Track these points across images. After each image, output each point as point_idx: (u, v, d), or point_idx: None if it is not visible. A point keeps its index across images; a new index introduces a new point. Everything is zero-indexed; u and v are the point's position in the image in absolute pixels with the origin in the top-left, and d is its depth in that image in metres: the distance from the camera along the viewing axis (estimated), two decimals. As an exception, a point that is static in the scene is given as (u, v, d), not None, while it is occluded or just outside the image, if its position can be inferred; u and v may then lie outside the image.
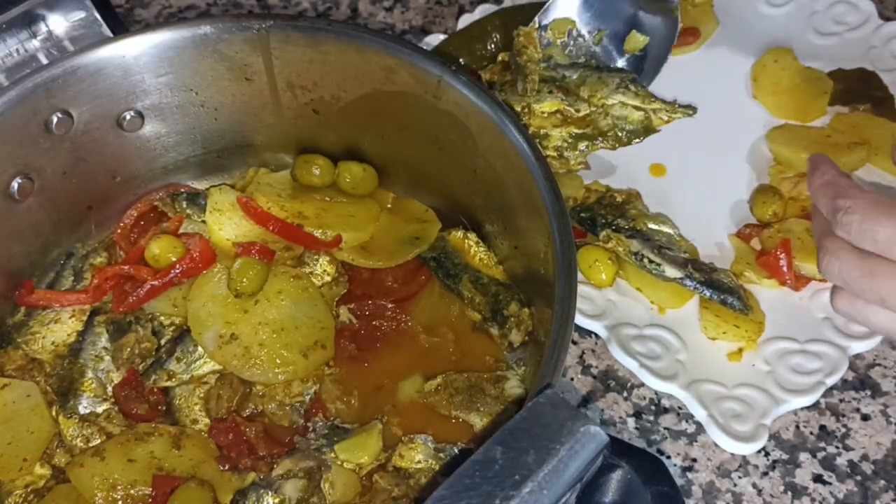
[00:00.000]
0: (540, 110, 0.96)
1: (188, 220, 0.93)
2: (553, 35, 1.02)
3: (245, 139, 0.96)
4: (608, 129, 0.95)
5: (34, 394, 0.82)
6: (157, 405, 0.83)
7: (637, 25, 1.02)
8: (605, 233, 0.94)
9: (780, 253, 0.93)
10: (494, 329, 0.86)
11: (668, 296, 0.94)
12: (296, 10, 1.30)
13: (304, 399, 0.83)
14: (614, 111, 0.95)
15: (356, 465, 0.79)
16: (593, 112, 0.96)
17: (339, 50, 0.85)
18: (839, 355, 0.90)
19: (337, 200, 0.93)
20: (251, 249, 0.87)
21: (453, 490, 0.50)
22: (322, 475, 0.78)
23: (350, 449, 0.79)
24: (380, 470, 0.78)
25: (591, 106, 0.96)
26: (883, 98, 1.08)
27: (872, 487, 0.85)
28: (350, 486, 0.78)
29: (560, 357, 0.65)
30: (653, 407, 0.90)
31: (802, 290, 0.95)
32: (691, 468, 0.86)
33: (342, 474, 0.78)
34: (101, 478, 0.76)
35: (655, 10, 1.01)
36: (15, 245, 0.87)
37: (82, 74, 0.83)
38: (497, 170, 0.82)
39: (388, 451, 0.79)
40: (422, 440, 0.79)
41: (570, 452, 0.52)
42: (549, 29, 1.02)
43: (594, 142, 0.95)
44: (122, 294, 0.88)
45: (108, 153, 0.89)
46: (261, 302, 0.84)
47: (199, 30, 0.85)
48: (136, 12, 1.29)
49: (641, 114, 0.95)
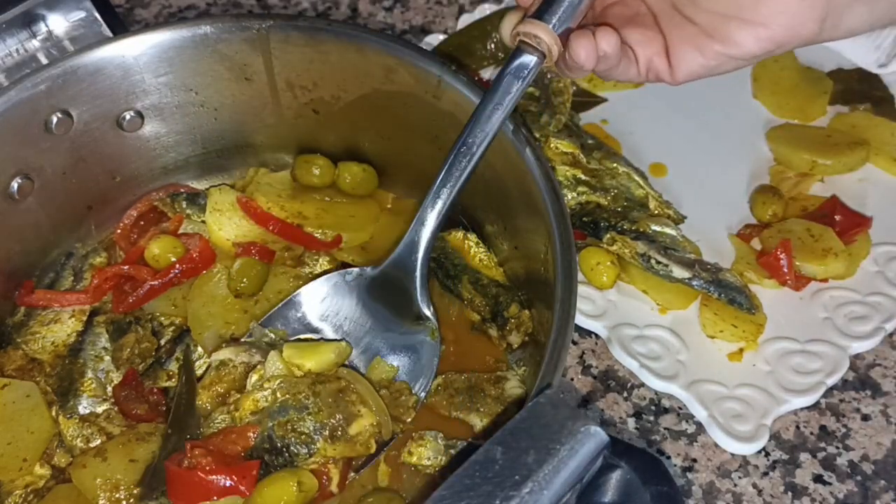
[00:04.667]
0: (556, 146, 0.99)
1: (188, 220, 0.93)
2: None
3: (245, 139, 0.96)
4: (611, 189, 0.97)
5: (34, 394, 0.82)
6: (157, 405, 0.83)
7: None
8: (610, 235, 0.94)
9: (781, 253, 0.93)
10: (493, 330, 0.86)
11: (674, 297, 0.94)
12: (296, 10, 1.30)
13: (304, 399, 0.82)
14: (621, 179, 0.98)
15: (297, 368, 0.74)
16: (602, 170, 0.99)
17: (339, 50, 0.85)
18: (839, 355, 0.90)
19: (337, 201, 0.93)
20: (251, 249, 0.87)
21: (453, 490, 0.50)
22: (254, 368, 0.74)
23: (301, 352, 0.74)
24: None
25: (601, 165, 0.99)
26: (883, 98, 1.08)
27: (873, 487, 0.85)
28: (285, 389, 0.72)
29: (560, 357, 0.65)
30: (653, 407, 0.90)
31: (803, 290, 0.95)
32: (691, 468, 0.86)
33: (277, 376, 0.73)
34: (103, 478, 0.76)
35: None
36: (15, 245, 0.87)
37: (82, 74, 0.83)
38: (497, 170, 0.82)
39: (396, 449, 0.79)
40: (431, 436, 0.78)
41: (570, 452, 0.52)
42: None
43: (594, 192, 0.97)
44: (122, 294, 0.88)
45: (108, 153, 0.89)
46: (261, 302, 0.84)
47: (199, 30, 0.85)
48: (136, 12, 1.29)
49: (644, 192, 0.98)
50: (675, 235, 0.94)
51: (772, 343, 0.91)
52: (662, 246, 0.92)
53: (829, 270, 0.94)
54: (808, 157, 1.02)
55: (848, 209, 0.98)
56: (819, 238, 0.95)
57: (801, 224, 0.97)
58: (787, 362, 0.90)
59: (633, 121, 1.09)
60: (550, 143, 0.99)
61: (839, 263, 0.93)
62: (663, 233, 0.94)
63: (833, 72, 1.11)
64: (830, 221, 0.97)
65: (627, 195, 0.97)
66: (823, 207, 0.99)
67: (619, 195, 0.97)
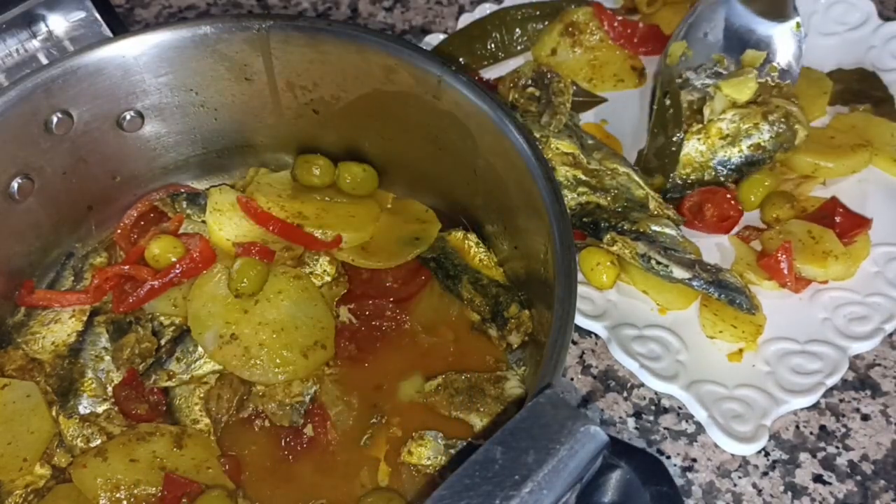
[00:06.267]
0: (556, 146, 0.99)
1: (188, 220, 0.93)
2: (670, 59, 1.06)
3: (245, 139, 0.96)
4: (611, 189, 0.97)
5: (34, 394, 0.82)
6: (157, 405, 0.83)
7: (752, 41, 1.06)
8: (610, 236, 0.94)
9: (781, 255, 0.93)
10: (493, 330, 0.86)
11: (674, 297, 0.94)
12: (296, 10, 1.30)
13: (303, 399, 0.83)
14: (621, 179, 0.98)
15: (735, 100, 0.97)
16: (602, 170, 0.99)
17: (339, 50, 0.85)
18: (839, 356, 0.90)
19: (337, 201, 0.93)
20: (251, 249, 0.87)
21: (453, 490, 0.50)
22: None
23: (734, 88, 0.98)
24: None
25: (601, 165, 0.99)
26: (883, 98, 1.08)
27: (872, 487, 0.85)
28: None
29: (560, 357, 0.65)
30: (653, 407, 0.90)
31: (802, 291, 0.95)
32: (691, 468, 0.86)
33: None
34: (104, 478, 0.76)
35: (774, 19, 1.06)
36: (15, 245, 0.87)
37: (82, 74, 0.83)
38: (497, 170, 0.82)
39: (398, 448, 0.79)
40: (431, 436, 0.79)
41: (570, 452, 0.52)
42: (668, 55, 1.07)
43: (594, 192, 0.97)
44: (122, 294, 0.88)
45: (108, 153, 0.89)
46: (261, 302, 0.84)
47: (199, 30, 0.85)
48: (136, 12, 1.29)
49: (644, 192, 0.98)
50: (675, 236, 0.94)
51: (771, 343, 0.91)
52: (662, 246, 0.92)
53: (830, 273, 0.94)
54: (810, 159, 1.02)
55: (848, 210, 0.98)
56: (819, 240, 0.95)
57: (802, 226, 0.97)
58: (786, 363, 0.90)
59: (633, 121, 1.09)
60: (550, 144, 0.99)
61: (839, 266, 0.93)
62: (663, 233, 0.94)
63: (833, 72, 1.11)
64: (830, 223, 0.97)
65: (627, 195, 0.97)
66: (824, 209, 0.99)
67: (619, 195, 0.97)
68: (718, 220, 0.99)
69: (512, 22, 1.16)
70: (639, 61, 1.16)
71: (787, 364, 0.90)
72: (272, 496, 0.79)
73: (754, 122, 0.99)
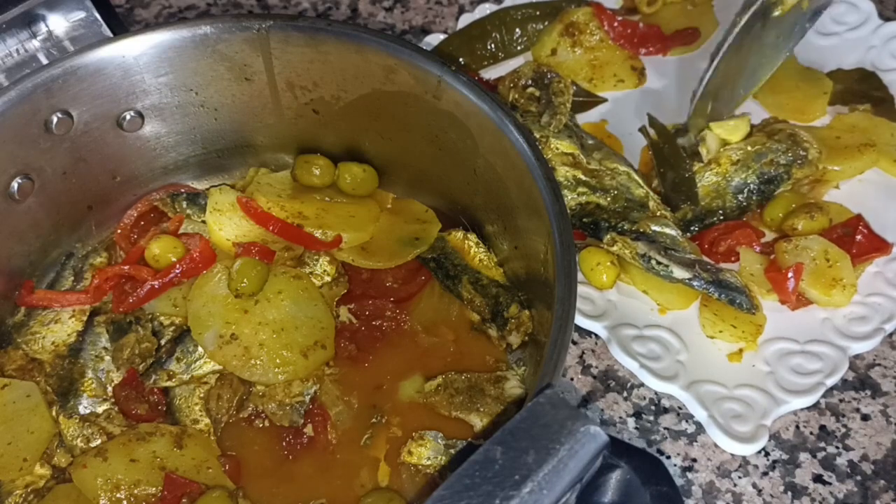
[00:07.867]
0: (556, 146, 0.99)
1: (188, 220, 0.93)
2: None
3: (245, 139, 0.96)
4: (611, 189, 0.98)
5: (34, 394, 0.82)
6: (157, 405, 0.83)
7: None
8: (610, 236, 0.94)
9: (791, 275, 0.91)
10: (493, 330, 0.86)
11: (674, 297, 0.94)
12: (296, 10, 1.30)
13: (304, 399, 0.83)
14: (621, 179, 0.98)
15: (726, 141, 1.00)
16: (602, 170, 0.99)
17: (339, 50, 0.85)
18: (839, 356, 0.90)
19: (337, 201, 0.93)
20: (251, 249, 0.87)
21: (453, 490, 0.50)
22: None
23: (726, 130, 1.00)
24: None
25: (601, 166, 0.99)
26: (883, 98, 1.08)
27: (872, 487, 0.85)
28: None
29: (560, 357, 0.65)
30: (653, 407, 0.90)
31: (799, 309, 0.93)
32: (691, 468, 0.86)
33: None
34: (104, 478, 0.76)
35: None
36: (15, 245, 0.87)
37: (82, 74, 0.83)
38: (497, 170, 0.82)
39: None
40: (431, 436, 0.79)
41: (570, 452, 0.52)
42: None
43: (594, 192, 0.97)
44: (122, 294, 0.88)
45: (108, 153, 0.89)
46: (261, 302, 0.84)
47: (199, 30, 0.85)
48: (136, 12, 1.29)
49: (644, 192, 0.98)
50: (675, 236, 0.94)
51: (771, 343, 0.91)
52: (663, 246, 0.92)
53: (832, 301, 0.92)
54: (819, 163, 1.01)
55: (871, 231, 0.96)
56: (833, 265, 0.92)
57: (821, 244, 0.93)
58: (786, 363, 0.90)
59: (633, 121, 1.09)
60: (550, 144, 0.99)
61: (843, 297, 0.92)
62: (663, 233, 0.94)
63: (833, 72, 1.11)
64: (850, 241, 0.94)
65: (627, 195, 0.97)
66: (848, 224, 0.96)
67: (619, 195, 0.97)
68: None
69: (512, 22, 1.16)
70: (639, 61, 1.16)
71: (787, 364, 0.90)
72: (272, 496, 0.79)
73: (762, 143, 0.99)
